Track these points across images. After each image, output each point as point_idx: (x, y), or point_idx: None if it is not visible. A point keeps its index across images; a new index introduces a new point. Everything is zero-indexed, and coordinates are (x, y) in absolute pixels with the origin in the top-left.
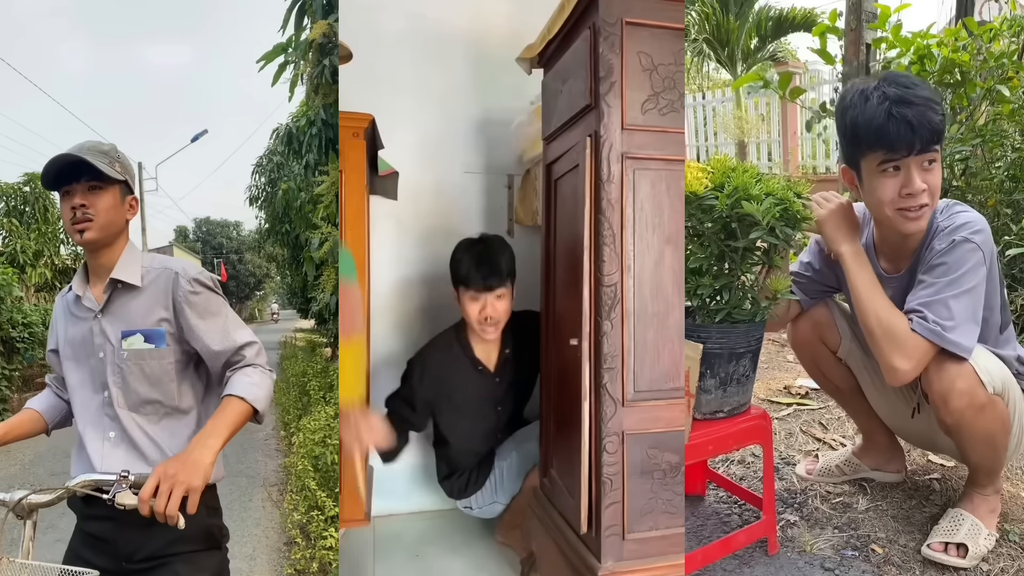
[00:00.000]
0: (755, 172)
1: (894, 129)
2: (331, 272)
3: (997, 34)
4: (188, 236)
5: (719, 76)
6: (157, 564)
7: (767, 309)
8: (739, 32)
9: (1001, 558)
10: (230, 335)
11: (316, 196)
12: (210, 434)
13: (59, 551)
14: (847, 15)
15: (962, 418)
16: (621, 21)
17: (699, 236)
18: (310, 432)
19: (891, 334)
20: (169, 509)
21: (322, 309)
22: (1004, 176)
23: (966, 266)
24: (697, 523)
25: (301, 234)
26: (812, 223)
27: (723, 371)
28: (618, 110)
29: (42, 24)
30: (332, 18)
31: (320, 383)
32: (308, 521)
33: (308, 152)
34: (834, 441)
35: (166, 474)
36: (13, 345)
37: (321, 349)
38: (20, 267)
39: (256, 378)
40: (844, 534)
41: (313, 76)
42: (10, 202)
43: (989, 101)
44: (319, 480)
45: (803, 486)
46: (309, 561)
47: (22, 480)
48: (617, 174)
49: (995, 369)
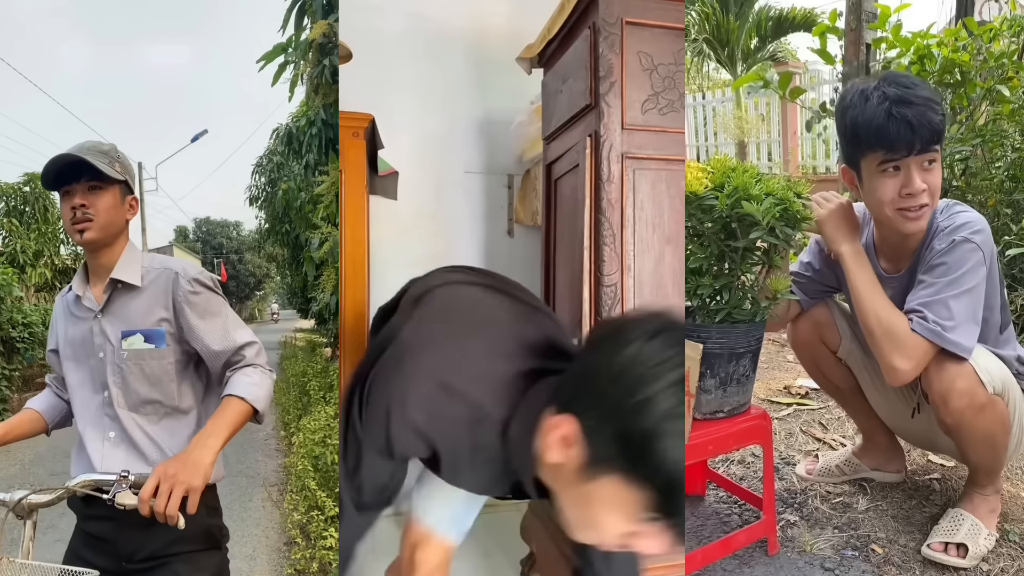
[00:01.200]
0: (755, 172)
1: (894, 129)
2: (331, 272)
3: (997, 34)
4: (188, 236)
5: (719, 76)
6: (157, 564)
7: (767, 309)
8: (739, 32)
9: (1001, 558)
10: (230, 335)
11: (316, 196)
12: (210, 434)
13: (59, 551)
14: (847, 15)
15: (962, 418)
16: (621, 21)
17: (699, 236)
18: (310, 432)
19: (891, 334)
20: (169, 509)
21: (322, 309)
22: (1004, 176)
23: (966, 266)
24: (697, 523)
25: (301, 234)
26: (812, 223)
27: (723, 371)
28: (618, 110)
29: (42, 24)
30: (332, 18)
31: (320, 383)
32: (308, 521)
33: (308, 152)
34: (834, 441)
35: (166, 474)
36: (13, 345)
37: (321, 349)
38: (20, 267)
39: (256, 378)
40: (844, 534)
41: (313, 76)
42: (10, 202)
43: (989, 101)
44: (319, 480)
45: (803, 486)
46: (309, 561)
47: (22, 480)
48: (617, 174)
49: (995, 369)
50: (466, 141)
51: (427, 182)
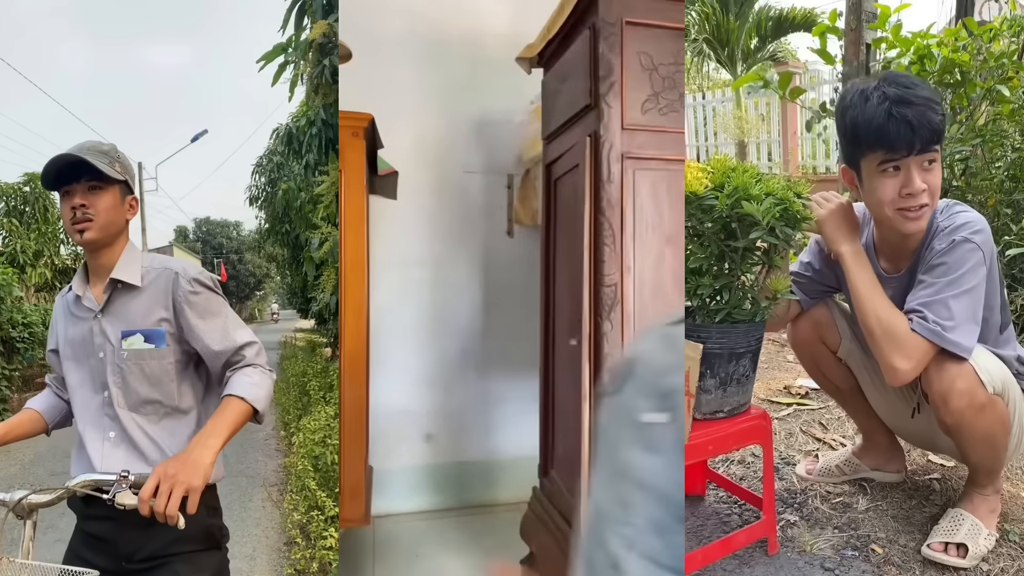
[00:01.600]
0: (755, 172)
1: (894, 129)
2: (331, 272)
3: (997, 34)
4: (188, 236)
5: (719, 76)
6: (157, 564)
7: (767, 309)
8: (739, 32)
9: (1001, 558)
10: (230, 335)
11: (316, 196)
12: (210, 434)
13: (59, 551)
14: (847, 15)
15: (962, 418)
16: (621, 21)
17: (699, 236)
18: (310, 432)
19: (891, 334)
20: (169, 509)
21: (322, 309)
22: (1004, 176)
23: (966, 266)
24: (697, 523)
25: (301, 234)
26: (812, 223)
27: (723, 371)
28: (618, 110)
29: (42, 24)
30: (332, 18)
31: (320, 383)
32: (308, 521)
33: (308, 152)
34: (834, 441)
35: (166, 474)
36: (13, 345)
37: (321, 349)
38: (20, 267)
39: (256, 378)
40: (844, 534)
41: (313, 76)
42: (10, 202)
43: (989, 101)
44: (319, 480)
45: (803, 486)
46: (309, 561)
47: (22, 480)
48: (617, 174)
49: (995, 369)
50: (466, 141)
51: (427, 182)
